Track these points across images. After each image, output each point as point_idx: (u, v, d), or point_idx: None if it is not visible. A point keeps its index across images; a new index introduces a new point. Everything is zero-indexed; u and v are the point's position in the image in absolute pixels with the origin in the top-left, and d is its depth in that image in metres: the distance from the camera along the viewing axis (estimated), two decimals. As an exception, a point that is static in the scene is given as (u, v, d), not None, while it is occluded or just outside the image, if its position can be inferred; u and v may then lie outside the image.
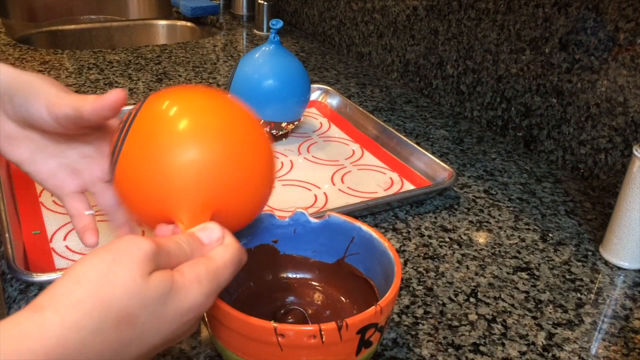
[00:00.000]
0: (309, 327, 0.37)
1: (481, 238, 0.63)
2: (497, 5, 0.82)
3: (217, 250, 0.36)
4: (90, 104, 0.42)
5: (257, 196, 0.43)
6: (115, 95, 0.42)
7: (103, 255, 0.31)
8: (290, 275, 0.51)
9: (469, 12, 0.87)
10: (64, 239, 0.57)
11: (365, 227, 0.48)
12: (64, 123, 0.43)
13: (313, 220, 0.49)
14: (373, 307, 0.39)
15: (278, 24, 0.76)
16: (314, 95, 0.92)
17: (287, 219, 0.50)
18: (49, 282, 0.50)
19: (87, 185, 0.48)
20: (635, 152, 0.55)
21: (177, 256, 0.35)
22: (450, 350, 0.47)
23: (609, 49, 0.69)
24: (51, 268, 0.53)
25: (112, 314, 0.30)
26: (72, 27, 1.34)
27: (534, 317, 0.52)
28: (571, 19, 0.73)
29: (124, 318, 0.30)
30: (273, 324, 0.37)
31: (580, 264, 0.60)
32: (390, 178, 0.73)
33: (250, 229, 0.49)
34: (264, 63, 0.76)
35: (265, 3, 1.25)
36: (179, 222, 0.39)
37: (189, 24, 1.40)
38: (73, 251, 0.56)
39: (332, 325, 0.37)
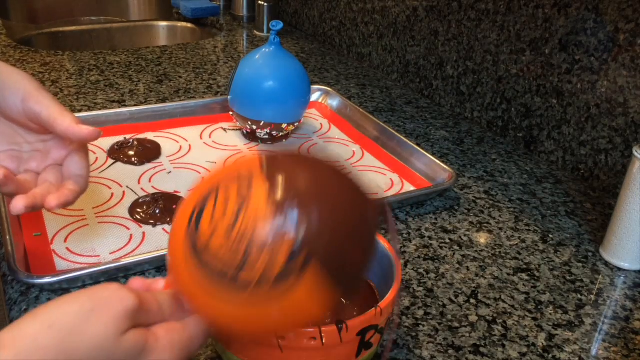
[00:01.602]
0: (309, 329, 0.37)
1: (481, 239, 0.63)
2: (497, 6, 0.82)
3: (193, 319, 0.35)
4: (65, 126, 0.45)
5: None
6: (91, 135, 0.45)
7: (84, 303, 0.30)
8: (290, 276, 0.51)
9: (469, 13, 0.87)
10: (65, 240, 0.57)
11: (365, 229, 0.48)
12: (32, 119, 0.46)
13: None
14: (373, 308, 0.39)
15: (278, 25, 0.76)
16: (314, 97, 0.92)
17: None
18: (49, 284, 0.50)
19: (19, 172, 0.49)
20: (636, 153, 0.55)
21: (155, 315, 0.34)
22: (451, 351, 0.47)
23: (609, 50, 0.69)
24: (52, 270, 0.53)
25: None
26: (73, 28, 1.34)
27: (534, 318, 0.52)
28: (571, 19, 0.73)
29: None
30: (273, 325, 0.37)
31: (580, 265, 0.60)
32: (391, 179, 0.73)
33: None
34: (264, 64, 0.76)
35: (266, 4, 1.25)
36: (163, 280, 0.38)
37: (189, 25, 1.40)
38: (74, 253, 0.56)
39: (332, 327, 0.37)
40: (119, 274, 0.53)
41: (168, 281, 0.37)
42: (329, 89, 0.94)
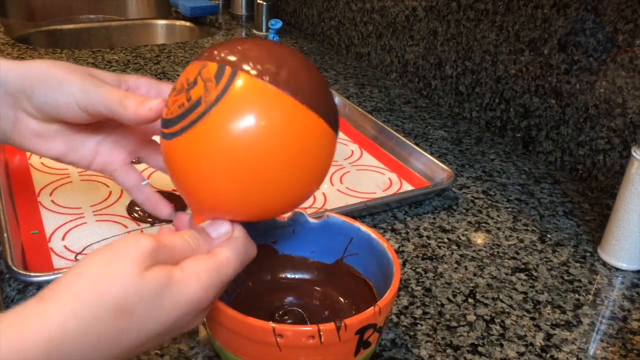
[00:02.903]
0: (308, 328, 0.37)
1: (480, 239, 0.63)
2: (496, 6, 0.82)
3: (221, 246, 0.37)
4: (131, 114, 0.41)
5: (298, 197, 0.39)
6: (158, 110, 0.40)
7: (104, 253, 0.33)
8: (289, 275, 0.51)
9: (468, 13, 0.87)
10: (63, 238, 0.57)
11: (364, 228, 0.48)
12: (97, 117, 0.43)
13: (312, 220, 0.49)
14: (372, 307, 0.39)
15: (277, 24, 0.76)
16: (313, 96, 0.92)
17: (286, 219, 0.49)
18: (47, 282, 0.50)
19: (133, 154, 0.48)
20: (634, 154, 0.55)
21: (182, 251, 0.35)
22: (449, 350, 0.47)
23: (607, 50, 0.69)
24: (49, 268, 0.53)
25: (109, 304, 0.31)
26: (71, 26, 1.34)
27: (532, 318, 0.52)
28: (570, 20, 0.73)
29: (119, 308, 0.31)
30: (272, 324, 0.37)
31: (578, 265, 0.60)
32: (389, 178, 0.73)
33: (249, 230, 0.49)
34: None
35: (265, 3, 1.25)
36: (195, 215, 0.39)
37: (188, 23, 1.40)
38: (71, 251, 0.56)
39: (330, 325, 0.37)
40: (117, 272, 0.53)
41: (196, 218, 0.39)
42: (327, 88, 0.93)
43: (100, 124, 0.46)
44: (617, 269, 0.59)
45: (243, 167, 0.35)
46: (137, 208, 0.62)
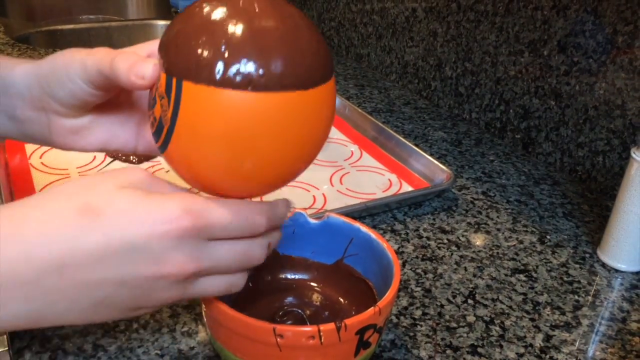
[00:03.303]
0: (308, 328, 0.37)
1: (479, 240, 0.63)
2: (495, 7, 0.83)
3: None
4: (123, 79, 0.37)
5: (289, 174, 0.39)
6: (150, 78, 0.36)
7: (97, 175, 0.36)
8: (289, 276, 0.51)
9: (468, 14, 0.87)
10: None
11: (364, 228, 0.48)
12: (108, 88, 0.40)
13: (312, 220, 0.50)
14: (372, 308, 0.39)
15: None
16: (313, 96, 0.92)
17: (286, 220, 0.49)
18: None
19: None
20: (633, 155, 0.56)
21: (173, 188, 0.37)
22: (448, 351, 0.48)
23: (607, 52, 0.69)
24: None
25: (77, 202, 0.32)
26: (71, 26, 1.34)
27: (532, 319, 0.52)
28: (570, 21, 0.73)
29: (86, 206, 0.32)
30: (272, 324, 0.37)
31: (577, 266, 0.60)
32: (389, 179, 0.73)
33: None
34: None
35: (265, 4, 1.25)
36: None
37: (188, 24, 1.40)
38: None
39: (330, 326, 0.37)
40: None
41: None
42: (327, 89, 0.93)
43: (132, 103, 0.44)
44: (617, 270, 0.59)
45: (227, 165, 0.35)
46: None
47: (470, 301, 0.53)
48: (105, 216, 0.32)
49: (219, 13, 0.34)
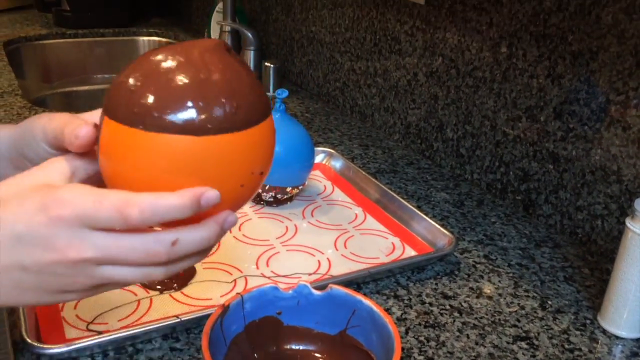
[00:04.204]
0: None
1: (481, 305, 0.64)
2: (493, 74, 0.86)
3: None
4: (67, 143, 0.41)
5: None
6: (86, 137, 0.40)
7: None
8: (293, 346, 0.52)
9: (467, 80, 0.91)
10: (75, 307, 0.59)
11: (365, 300, 0.49)
12: (60, 146, 0.43)
13: (316, 292, 0.51)
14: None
15: (283, 93, 0.79)
16: (318, 158, 0.95)
17: (290, 292, 0.51)
18: (59, 355, 0.51)
19: None
20: (628, 224, 0.57)
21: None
22: None
23: (601, 120, 0.72)
24: (62, 338, 0.55)
25: None
26: (86, 87, 1.39)
27: (534, 389, 0.52)
28: (564, 89, 0.76)
29: None
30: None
31: (579, 332, 0.61)
32: (392, 243, 0.75)
33: (256, 302, 0.50)
34: (270, 131, 0.79)
35: (272, 65, 1.30)
36: None
37: (198, 83, 1.45)
38: (83, 320, 0.57)
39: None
40: (127, 343, 0.55)
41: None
42: (332, 150, 0.96)
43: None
44: (617, 337, 0.60)
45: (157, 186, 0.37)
46: (146, 275, 0.64)
47: (472, 370, 0.54)
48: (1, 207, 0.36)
49: (156, 60, 0.38)
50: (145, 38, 1.76)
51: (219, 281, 0.65)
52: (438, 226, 0.74)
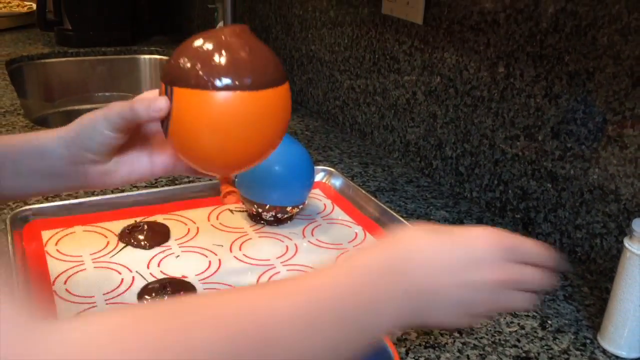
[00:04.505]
0: None
1: (481, 325, 0.64)
2: (491, 93, 0.87)
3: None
4: (144, 115, 0.51)
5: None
6: (165, 109, 0.51)
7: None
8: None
9: (465, 99, 0.92)
10: (75, 329, 0.59)
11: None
12: (125, 130, 0.53)
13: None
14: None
15: (284, 114, 0.80)
16: (318, 177, 0.96)
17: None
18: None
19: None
20: (626, 244, 0.58)
21: None
22: None
23: (598, 140, 0.73)
24: None
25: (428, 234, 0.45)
26: (87, 106, 1.40)
27: (534, 411, 0.52)
28: (562, 109, 0.77)
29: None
30: None
31: (579, 352, 0.61)
32: (392, 262, 0.75)
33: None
34: (270, 151, 0.80)
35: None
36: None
37: (198, 101, 1.46)
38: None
39: None
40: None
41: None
42: (332, 169, 0.97)
43: (142, 142, 0.57)
44: (617, 357, 0.60)
45: (217, 146, 0.52)
46: (147, 297, 0.65)
47: (472, 392, 0.54)
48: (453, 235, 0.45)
49: (200, 43, 0.52)
50: (147, 56, 1.78)
51: (220, 302, 0.65)
52: (438, 245, 0.74)
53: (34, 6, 1.78)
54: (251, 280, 0.70)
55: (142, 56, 1.78)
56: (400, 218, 0.81)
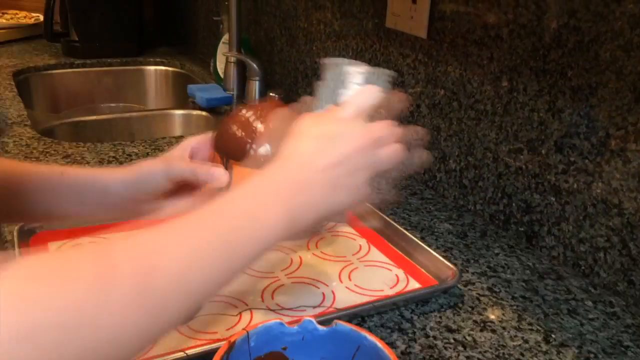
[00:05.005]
0: None
1: (485, 339, 0.64)
2: (494, 107, 0.87)
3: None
4: (216, 181, 0.59)
5: None
6: (224, 180, 0.59)
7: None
8: (298, 382, 0.53)
9: (469, 112, 0.92)
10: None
11: (370, 337, 0.50)
12: (177, 180, 0.62)
13: (321, 327, 0.52)
14: None
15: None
16: (323, 189, 0.96)
17: (295, 327, 0.52)
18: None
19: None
20: None
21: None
22: None
23: (601, 154, 0.73)
24: None
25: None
26: (94, 117, 1.41)
27: None
28: (565, 123, 0.77)
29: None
30: None
31: (583, 367, 0.61)
32: (396, 275, 0.75)
33: (261, 337, 0.51)
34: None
35: (276, 96, 1.32)
36: None
37: (203, 113, 1.47)
38: (90, 354, 0.58)
39: None
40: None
41: None
42: (336, 181, 0.97)
43: (187, 189, 0.64)
44: (622, 372, 0.60)
45: None
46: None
47: (476, 406, 0.54)
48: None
49: (246, 116, 0.63)
50: (152, 67, 1.80)
51: (225, 314, 0.66)
52: (442, 259, 0.75)
53: (41, 18, 1.81)
54: (256, 292, 0.70)
55: (148, 67, 1.79)
56: (404, 230, 0.82)
